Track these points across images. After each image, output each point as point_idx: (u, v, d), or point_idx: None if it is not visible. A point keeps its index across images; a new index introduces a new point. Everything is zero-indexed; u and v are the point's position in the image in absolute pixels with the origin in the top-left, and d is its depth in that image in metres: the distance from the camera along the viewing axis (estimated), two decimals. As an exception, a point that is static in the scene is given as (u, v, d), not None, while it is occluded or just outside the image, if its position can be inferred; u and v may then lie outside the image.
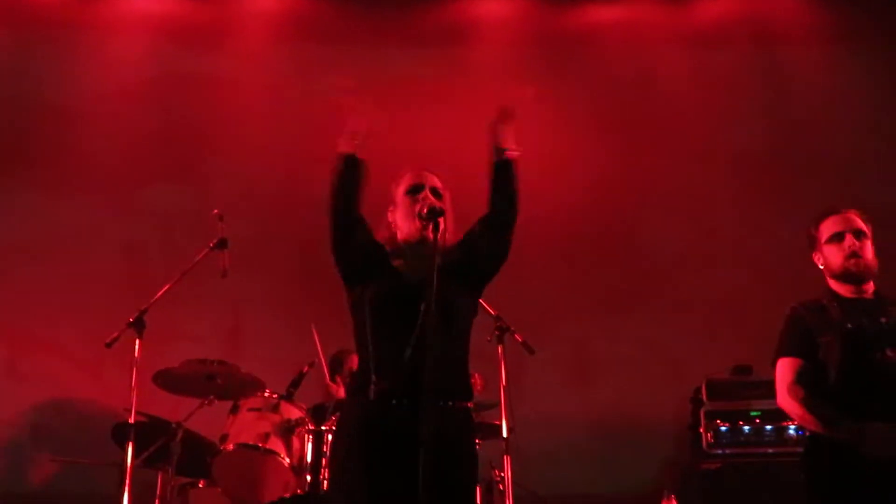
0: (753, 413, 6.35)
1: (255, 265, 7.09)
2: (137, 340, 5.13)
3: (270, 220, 7.36)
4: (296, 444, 5.28)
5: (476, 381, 5.58)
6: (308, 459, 5.21)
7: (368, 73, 7.86)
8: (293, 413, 5.35)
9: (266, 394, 5.48)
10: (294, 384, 5.54)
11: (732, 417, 6.47)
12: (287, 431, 5.28)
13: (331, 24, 8.00)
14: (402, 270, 3.72)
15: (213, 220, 5.66)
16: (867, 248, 4.28)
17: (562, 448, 7.01)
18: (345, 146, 3.76)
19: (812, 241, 4.39)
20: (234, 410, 5.45)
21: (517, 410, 5.20)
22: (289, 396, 5.47)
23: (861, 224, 4.32)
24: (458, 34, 8.11)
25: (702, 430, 6.50)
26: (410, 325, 3.45)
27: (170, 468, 5.41)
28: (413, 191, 3.79)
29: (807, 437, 4.25)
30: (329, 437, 5.08)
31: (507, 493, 5.18)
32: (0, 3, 7.86)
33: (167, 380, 5.63)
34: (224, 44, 8.03)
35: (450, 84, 7.89)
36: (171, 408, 5.76)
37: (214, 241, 5.63)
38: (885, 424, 3.95)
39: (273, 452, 5.22)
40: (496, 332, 5.37)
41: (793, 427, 6.22)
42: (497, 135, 3.85)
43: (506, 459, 5.18)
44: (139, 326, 5.17)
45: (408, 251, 3.77)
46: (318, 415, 5.50)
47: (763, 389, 5.97)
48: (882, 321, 4.16)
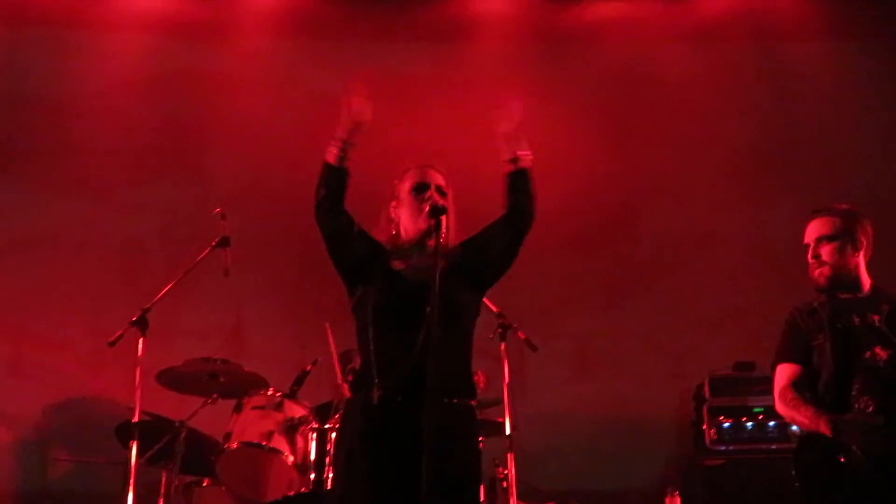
0: (756, 409, 6.36)
1: (258, 263, 7.08)
2: (141, 339, 5.12)
3: (272, 218, 7.35)
4: (299, 443, 5.28)
5: (479, 379, 5.57)
6: (312, 458, 5.23)
7: (368, 69, 7.87)
8: (297, 411, 5.36)
9: (269, 392, 5.50)
10: (297, 382, 5.55)
11: (735, 414, 6.47)
12: (291, 430, 5.28)
13: (331, 20, 7.98)
14: (405, 270, 3.74)
15: (216, 219, 5.66)
16: (827, 251, 4.24)
17: (564, 444, 7.01)
18: (330, 155, 3.76)
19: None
20: (238, 409, 5.46)
21: (520, 407, 5.20)
22: (292, 395, 5.48)
23: (823, 229, 4.28)
24: (458, 30, 8.09)
25: (705, 427, 6.51)
26: (413, 326, 3.46)
27: (174, 467, 5.43)
28: (418, 189, 3.81)
29: (800, 435, 4.29)
30: (333, 436, 5.08)
31: (511, 491, 5.18)
32: (-1, 1, 7.86)
33: (171, 378, 5.64)
34: (224, 40, 8.02)
35: (449, 80, 7.89)
36: (175, 406, 5.77)
37: (217, 240, 5.62)
38: (861, 416, 4.00)
39: (277, 451, 5.23)
40: (498, 330, 5.37)
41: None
42: (507, 142, 3.86)
43: (509, 457, 5.18)
44: (142, 325, 5.16)
45: (411, 250, 3.78)
46: (322, 413, 5.51)
47: (766, 385, 5.84)
48: (873, 319, 4.17)
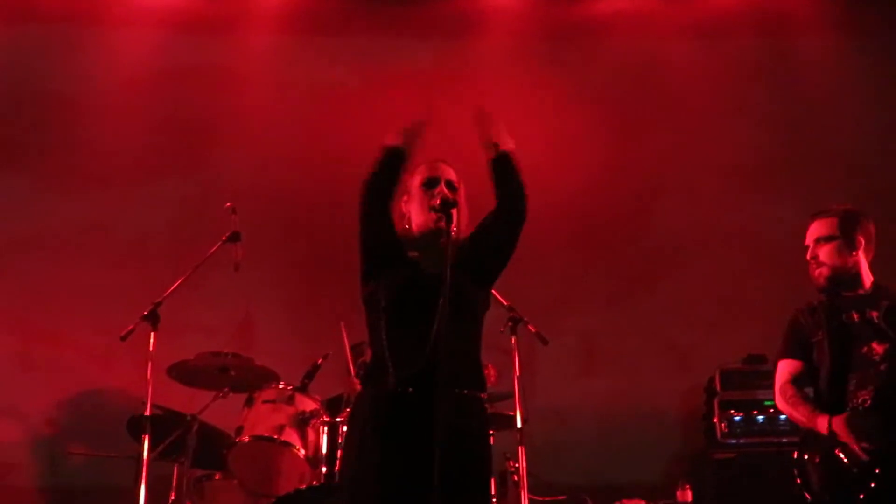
0: (767, 402, 6.33)
1: (268, 257, 7.09)
2: (152, 333, 5.15)
3: (282, 212, 7.36)
4: (311, 436, 5.29)
5: (490, 373, 5.58)
6: (323, 451, 5.24)
7: (376, 65, 7.88)
8: (308, 405, 5.37)
9: (281, 386, 5.50)
10: (308, 376, 5.55)
11: (746, 407, 6.47)
12: (302, 423, 5.29)
13: (338, 16, 7.99)
14: (418, 263, 3.74)
15: (226, 213, 5.68)
16: (824, 252, 4.34)
17: (575, 438, 7.02)
18: (393, 139, 3.81)
19: None
20: (249, 402, 5.46)
21: (530, 401, 5.21)
22: (303, 388, 5.49)
23: (821, 230, 4.38)
24: (465, 26, 8.09)
25: (716, 420, 6.51)
26: (425, 319, 3.47)
27: (185, 461, 5.44)
28: (429, 184, 3.82)
29: (800, 433, 4.35)
30: (344, 429, 5.10)
31: (522, 484, 5.19)
32: (6, -3, 7.88)
33: (182, 372, 5.66)
34: (232, 36, 8.02)
35: (456, 76, 7.89)
36: (186, 400, 5.78)
37: (227, 235, 5.64)
38: (855, 413, 4.08)
39: (288, 444, 5.24)
40: (509, 323, 5.38)
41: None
42: (487, 133, 3.90)
43: (520, 450, 5.19)
44: (153, 319, 5.18)
45: (422, 243, 3.79)
46: (333, 406, 5.52)
47: None
48: (871, 315, 4.24)
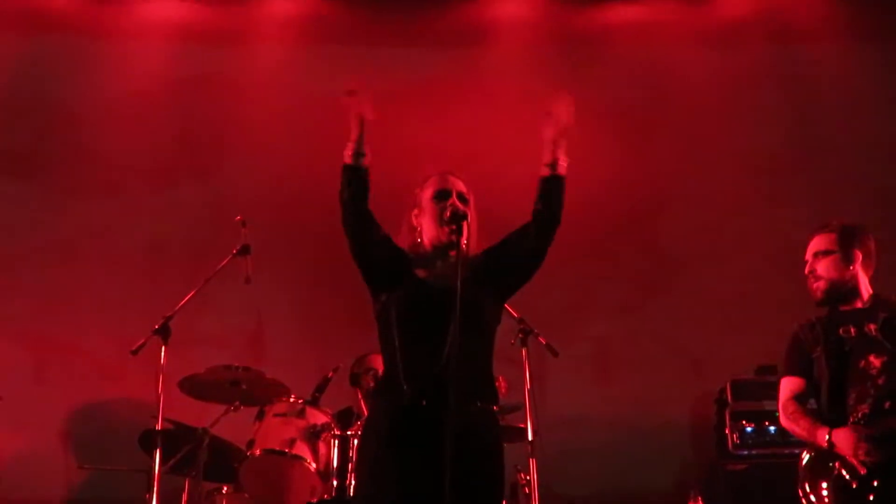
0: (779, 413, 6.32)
1: (278, 270, 7.10)
2: (163, 347, 5.14)
3: (292, 224, 7.37)
4: (322, 449, 5.29)
5: (500, 385, 5.57)
6: (334, 464, 5.24)
7: (386, 75, 7.88)
8: (319, 418, 5.37)
9: (291, 399, 5.51)
10: (319, 389, 5.56)
11: (758, 418, 6.45)
12: (313, 436, 5.30)
13: (348, 26, 8.01)
14: (428, 277, 3.74)
15: (236, 226, 5.68)
16: (822, 265, 4.37)
17: (585, 449, 7.00)
18: (346, 155, 3.76)
19: None
20: (260, 416, 5.47)
21: (541, 413, 5.19)
22: (314, 401, 5.49)
23: (819, 245, 4.41)
24: (476, 35, 8.10)
25: (727, 431, 6.50)
26: (437, 333, 3.49)
27: (197, 474, 5.44)
28: (440, 196, 3.81)
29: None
30: (355, 442, 5.09)
31: (533, 496, 5.17)
32: (19, 9, 7.89)
33: (193, 386, 5.66)
34: (243, 47, 8.05)
35: (467, 85, 7.90)
36: (197, 414, 5.79)
37: (237, 248, 5.65)
38: (853, 426, 4.11)
39: (299, 458, 5.25)
40: (520, 335, 5.37)
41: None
42: (552, 146, 3.84)
43: (531, 462, 5.18)
44: (164, 333, 5.18)
45: (433, 256, 3.79)
46: (344, 419, 5.52)
47: None
48: (869, 328, 4.26)
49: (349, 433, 5.24)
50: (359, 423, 5.20)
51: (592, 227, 7.53)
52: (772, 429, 6.40)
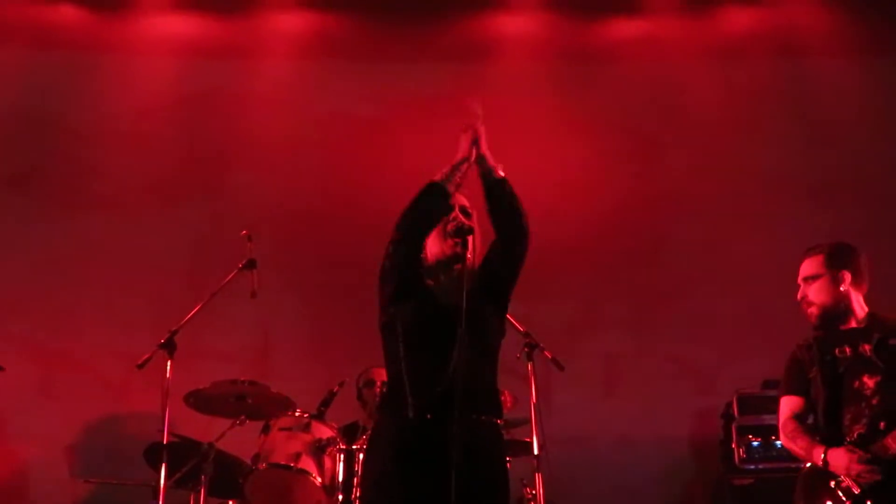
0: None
1: (284, 284, 7.10)
2: (169, 362, 5.16)
3: (298, 239, 7.39)
4: (327, 464, 5.29)
5: (506, 399, 5.58)
6: (340, 479, 5.23)
7: (392, 89, 7.91)
8: (324, 432, 5.37)
9: (297, 413, 5.51)
10: (325, 403, 5.56)
11: (764, 432, 6.42)
12: (318, 451, 5.29)
13: (353, 41, 8.03)
14: (434, 291, 3.75)
15: (242, 240, 5.69)
16: (812, 290, 4.45)
17: (591, 464, 6.98)
18: (441, 176, 3.79)
19: None
20: (266, 430, 5.47)
21: (546, 427, 5.18)
22: (320, 416, 5.49)
23: (807, 269, 4.49)
24: (481, 50, 8.12)
25: (734, 446, 6.48)
26: (443, 346, 3.50)
27: (202, 489, 5.42)
28: None
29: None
30: (360, 457, 5.09)
31: (539, 511, 5.17)
32: (24, 25, 7.93)
33: (198, 400, 5.65)
34: (249, 62, 8.08)
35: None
36: (203, 428, 5.79)
37: (243, 262, 5.65)
38: (848, 449, 4.18)
39: (305, 472, 5.24)
40: (525, 350, 5.36)
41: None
42: (479, 158, 3.86)
43: (537, 477, 5.17)
44: (170, 347, 5.19)
45: (437, 270, 3.79)
46: (350, 434, 5.52)
47: None
48: (864, 348, 4.32)
49: (355, 447, 5.24)
50: (364, 438, 5.19)
51: (599, 243, 7.54)
52: (778, 443, 6.30)
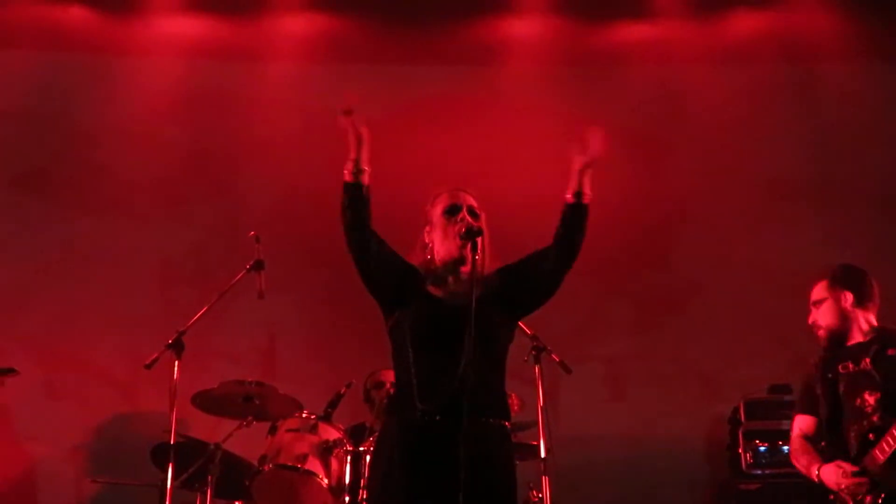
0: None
1: (292, 285, 7.10)
2: (176, 362, 5.15)
3: (305, 240, 7.37)
4: (334, 465, 5.29)
5: (513, 403, 5.57)
6: (346, 480, 5.24)
7: (398, 92, 7.91)
8: (331, 434, 5.37)
9: (304, 414, 5.51)
10: (332, 405, 5.56)
11: (771, 437, 6.43)
12: (325, 452, 5.29)
13: (361, 44, 8.03)
14: (441, 295, 3.74)
15: (250, 241, 5.69)
16: (819, 314, 4.59)
17: (598, 467, 6.98)
18: (346, 173, 3.75)
19: None
20: (273, 431, 5.47)
21: (553, 430, 5.18)
22: (327, 417, 5.49)
23: (814, 294, 4.64)
24: (488, 53, 8.12)
25: (740, 451, 6.48)
26: (451, 350, 3.49)
27: (209, 489, 5.43)
28: (450, 211, 3.80)
29: None
30: (367, 458, 5.09)
31: (546, 514, 5.16)
32: (31, 26, 7.94)
33: (205, 401, 5.66)
34: (255, 64, 8.08)
35: (480, 103, 7.92)
36: (210, 429, 5.79)
37: (251, 263, 5.65)
38: (837, 465, 4.30)
39: (312, 473, 5.24)
40: (532, 353, 5.36)
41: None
42: (580, 175, 3.84)
43: (544, 480, 5.16)
44: (178, 348, 5.19)
45: (446, 273, 3.78)
46: (356, 435, 5.52)
47: None
48: (864, 362, 4.43)
49: (361, 449, 5.25)
50: (371, 439, 5.19)
51: (606, 246, 7.49)
52: (785, 448, 6.33)
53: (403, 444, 3.57)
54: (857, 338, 4.51)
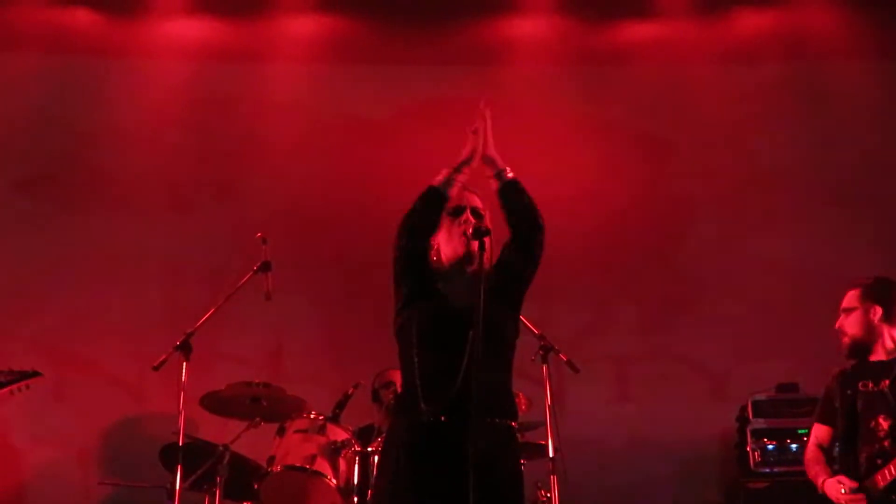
0: (801, 431, 6.27)
1: (299, 287, 7.10)
2: (184, 364, 5.16)
3: (312, 241, 7.39)
4: (342, 466, 5.30)
5: (520, 402, 5.56)
6: (354, 481, 5.24)
7: (404, 92, 7.93)
8: (339, 434, 5.38)
9: (312, 415, 5.52)
10: (340, 406, 5.57)
11: (779, 436, 6.44)
12: (334, 453, 5.30)
13: (366, 45, 8.03)
14: (448, 294, 3.74)
15: (256, 243, 5.70)
16: (847, 322, 4.71)
17: (606, 466, 6.97)
18: (438, 179, 3.81)
19: None
20: (281, 432, 5.48)
21: (561, 430, 5.18)
22: (335, 418, 5.50)
23: (845, 302, 4.73)
24: (494, 53, 8.11)
25: (749, 449, 6.48)
26: (457, 349, 3.49)
27: (217, 491, 5.42)
28: (455, 212, 3.81)
29: None
30: (375, 459, 5.09)
31: (554, 514, 5.16)
32: (37, 29, 7.95)
33: (213, 402, 5.68)
34: (262, 66, 8.08)
35: (485, 103, 7.91)
36: (218, 430, 5.80)
37: (258, 265, 5.65)
38: (839, 479, 4.49)
39: (320, 474, 5.25)
40: (540, 352, 5.36)
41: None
42: (488, 160, 3.89)
43: (552, 479, 5.17)
44: (186, 350, 5.20)
45: (450, 273, 3.78)
46: (365, 436, 5.52)
47: (809, 407, 5.93)
48: (883, 384, 4.53)
49: (370, 449, 5.25)
50: (379, 440, 5.19)
51: (613, 246, 7.53)
52: (793, 446, 6.36)
53: (410, 446, 3.57)
54: (881, 354, 4.61)
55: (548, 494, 5.28)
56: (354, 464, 5.27)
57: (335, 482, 5.25)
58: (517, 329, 3.87)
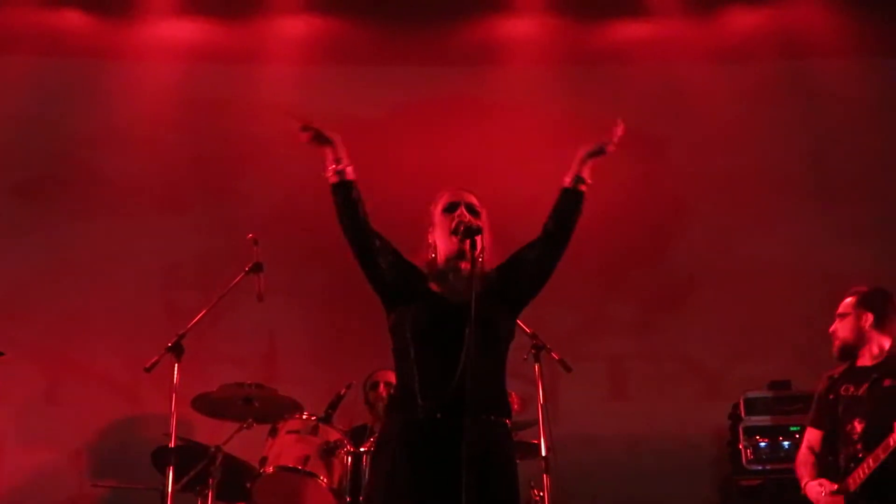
0: (793, 428, 6.30)
1: (291, 288, 7.12)
2: (176, 365, 5.14)
3: (304, 242, 7.39)
4: (335, 466, 5.28)
5: (513, 401, 5.56)
6: (348, 481, 5.23)
7: (399, 93, 7.92)
8: (332, 435, 5.36)
9: (304, 416, 5.50)
10: (332, 406, 5.55)
11: (772, 433, 6.44)
12: (326, 453, 5.28)
13: (360, 45, 8.04)
14: (443, 292, 3.74)
15: (248, 244, 5.69)
16: (840, 326, 4.92)
17: (599, 465, 6.98)
18: (329, 177, 3.78)
19: None
20: (273, 433, 5.46)
21: (554, 429, 5.18)
22: (327, 418, 5.48)
23: (842, 308, 4.94)
24: (487, 53, 8.12)
25: (741, 447, 6.48)
26: (452, 347, 3.49)
27: (210, 492, 5.43)
28: (449, 209, 3.82)
29: None
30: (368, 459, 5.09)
31: (547, 513, 5.16)
32: (29, 31, 7.94)
33: (205, 404, 5.66)
34: (254, 67, 8.08)
35: (479, 103, 7.93)
36: (210, 432, 5.79)
37: (250, 266, 5.64)
38: (819, 483, 4.72)
39: (313, 475, 5.23)
40: (532, 351, 5.35)
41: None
42: (583, 163, 3.88)
43: (545, 478, 5.16)
44: (177, 351, 5.18)
45: (446, 270, 3.79)
46: (357, 436, 5.52)
47: (802, 405, 5.99)
48: (863, 388, 4.73)
49: (363, 450, 5.24)
50: (372, 440, 5.19)
51: (606, 244, 7.52)
52: (786, 444, 6.37)
53: (405, 443, 3.57)
54: (867, 360, 4.80)
55: (541, 493, 5.27)
56: (347, 464, 5.26)
57: (328, 483, 5.23)
58: (513, 329, 3.87)
